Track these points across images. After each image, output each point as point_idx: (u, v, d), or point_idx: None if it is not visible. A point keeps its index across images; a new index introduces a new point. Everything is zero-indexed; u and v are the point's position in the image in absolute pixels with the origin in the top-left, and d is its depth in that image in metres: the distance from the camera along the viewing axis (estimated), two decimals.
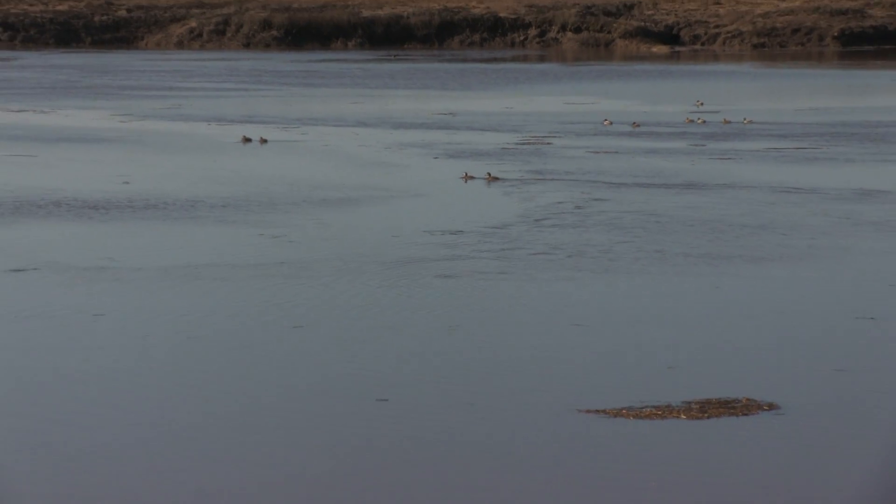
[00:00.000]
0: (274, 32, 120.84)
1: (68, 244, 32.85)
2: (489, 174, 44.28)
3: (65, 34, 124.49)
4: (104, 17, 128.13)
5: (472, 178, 43.77)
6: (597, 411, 19.51)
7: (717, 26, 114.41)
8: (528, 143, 52.61)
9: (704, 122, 60.00)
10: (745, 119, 61.20)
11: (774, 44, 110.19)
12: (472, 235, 31.85)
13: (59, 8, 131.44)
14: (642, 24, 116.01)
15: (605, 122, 59.86)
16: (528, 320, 26.20)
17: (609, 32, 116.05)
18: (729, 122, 59.75)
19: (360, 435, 19.71)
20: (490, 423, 19.83)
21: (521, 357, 23.47)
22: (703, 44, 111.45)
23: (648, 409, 19.43)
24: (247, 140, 54.13)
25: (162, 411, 20.92)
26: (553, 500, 16.70)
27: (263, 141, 54.23)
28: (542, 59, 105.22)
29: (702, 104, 67.56)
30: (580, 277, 29.22)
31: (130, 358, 23.36)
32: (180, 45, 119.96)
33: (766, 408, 19.51)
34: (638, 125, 58.95)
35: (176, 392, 21.92)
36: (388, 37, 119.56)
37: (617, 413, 19.35)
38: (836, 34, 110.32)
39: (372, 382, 21.80)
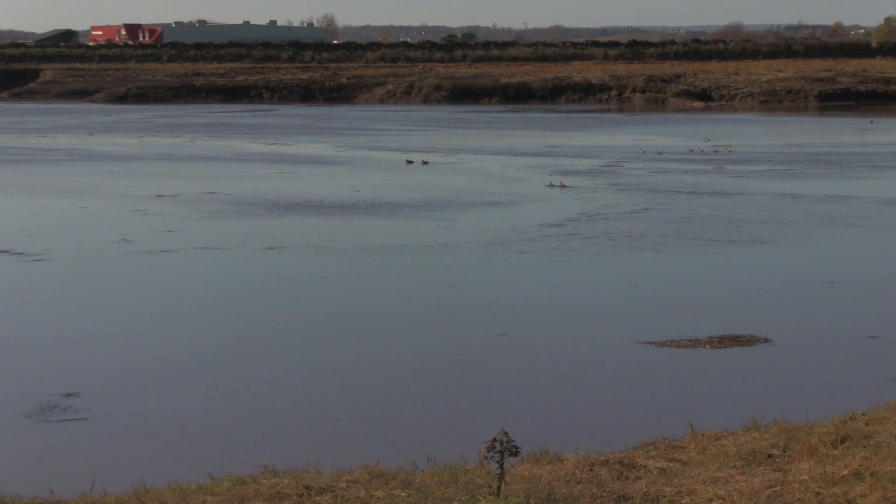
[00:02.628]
0: (443, 93, 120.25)
1: (310, 231, 33.41)
2: (561, 183, 44.84)
3: (306, 93, 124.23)
4: (331, 83, 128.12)
5: (554, 185, 44.46)
6: (649, 343, 20.53)
7: (735, 89, 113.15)
8: (606, 166, 52.75)
9: (703, 151, 60.03)
10: (727, 148, 61.33)
11: (774, 101, 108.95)
12: (557, 225, 32.40)
13: (303, 76, 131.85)
14: (686, 87, 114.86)
15: (640, 152, 59.93)
16: (596, 283, 27.00)
17: (664, 93, 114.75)
18: (716, 151, 59.82)
19: (484, 361, 20.61)
20: (576, 349, 20.84)
21: (592, 307, 24.43)
22: (726, 101, 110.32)
23: (684, 342, 20.53)
24: (409, 162, 54.36)
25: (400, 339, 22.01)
26: (624, 399, 17.79)
27: (424, 163, 54.40)
28: (619, 111, 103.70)
29: (708, 140, 67.31)
30: (629, 253, 29.67)
31: (354, 305, 24.28)
32: (381, 101, 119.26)
33: (762, 341, 20.68)
34: (660, 153, 59.16)
35: (395, 324, 22.92)
36: (518, 96, 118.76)
37: (663, 344, 20.42)
38: (815, 94, 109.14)
39: (496, 321, 22.77)
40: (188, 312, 23.87)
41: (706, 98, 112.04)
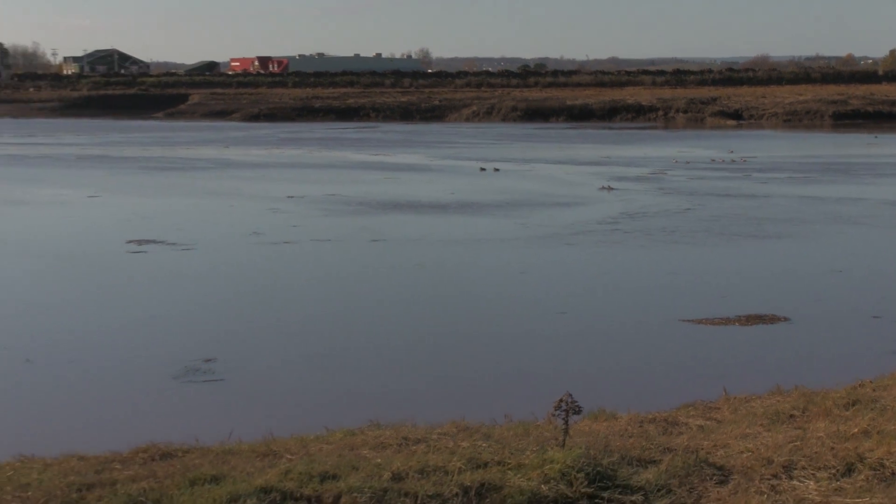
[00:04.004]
0: (518, 113, 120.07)
1: (408, 226, 33.43)
2: (609, 186, 44.74)
3: (405, 113, 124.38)
4: (426, 104, 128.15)
5: (605, 189, 44.33)
6: (687, 320, 20.38)
7: (762, 109, 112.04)
8: (651, 173, 52.39)
9: (723, 160, 59.77)
10: (742, 158, 60.94)
11: (795, 119, 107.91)
12: (607, 222, 32.33)
13: (402, 99, 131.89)
14: (721, 108, 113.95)
15: (674, 161, 59.49)
16: (640, 270, 26.76)
17: (702, 113, 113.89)
18: (734, 161, 59.50)
19: (549, 334, 20.74)
20: (626, 325, 20.89)
21: (638, 290, 24.23)
22: (755, 119, 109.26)
23: (717, 320, 20.33)
24: (482, 169, 54.28)
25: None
26: (667, 367, 17.81)
27: (495, 170, 54.25)
28: (664, 128, 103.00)
29: (732, 151, 66.76)
30: (669, 246, 29.46)
31: (442, 287, 24.38)
32: (467, 119, 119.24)
33: (782, 319, 20.46)
34: (689, 162, 59.10)
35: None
36: (581, 115, 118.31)
37: (699, 321, 20.27)
38: (830, 114, 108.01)
39: (558, 301, 22.69)
40: (304, 292, 23.95)
41: (738, 117, 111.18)
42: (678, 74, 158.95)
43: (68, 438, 12.56)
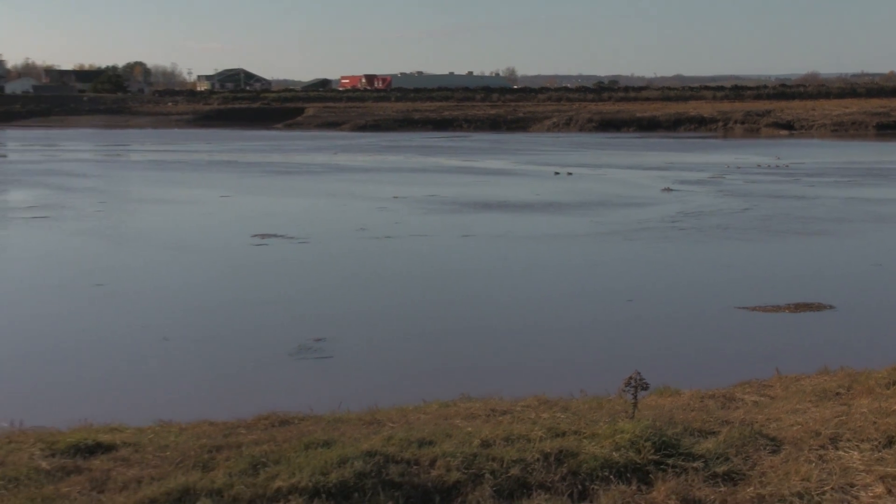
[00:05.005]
0: (593, 124, 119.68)
1: (494, 223, 33.40)
2: (668, 187, 44.54)
3: (493, 124, 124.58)
4: (512, 116, 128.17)
5: (668, 190, 44.12)
6: (742, 307, 20.22)
7: (812, 121, 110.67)
8: (710, 177, 51.96)
9: (768, 165, 59.31)
10: (785, 164, 60.50)
11: (841, 130, 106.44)
12: (669, 219, 32.08)
13: (491, 112, 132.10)
14: (775, 119, 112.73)
15: (726, 166, 59.04)
16: (699, 262, 26.64)
17: (758, 124, 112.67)
18: (779, 167, 59.00)
19: (618, 319, 20.60)
20: (686, 311, 20.77)
21: (698, 280, 24.12)
22: (805, 130, 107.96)
23: (769, 307, 20.17)
24: (556, 173, 54.20)
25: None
26: (725, 349, 17.77)
27: (568, 174, 54.14)
28: (723, 137, 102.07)
29: (779, 158, 66.07)
30: (724, 241, 29.28)
31: (521, 277, 24.31)
32: (548, 130, 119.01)
33: (828, 307, 20.26)
34: (739, 167, 58.71)
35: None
36: (648, 126, 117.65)
37: (752, 309, 20.11)
38: (874, 125, 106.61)
39: (626, 289, 22.60)
40: (402, 280, 23.98)
41: (790, 128, 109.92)
42: (736, 90, 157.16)
43: (200, 406, 12.80)
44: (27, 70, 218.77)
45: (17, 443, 9.50)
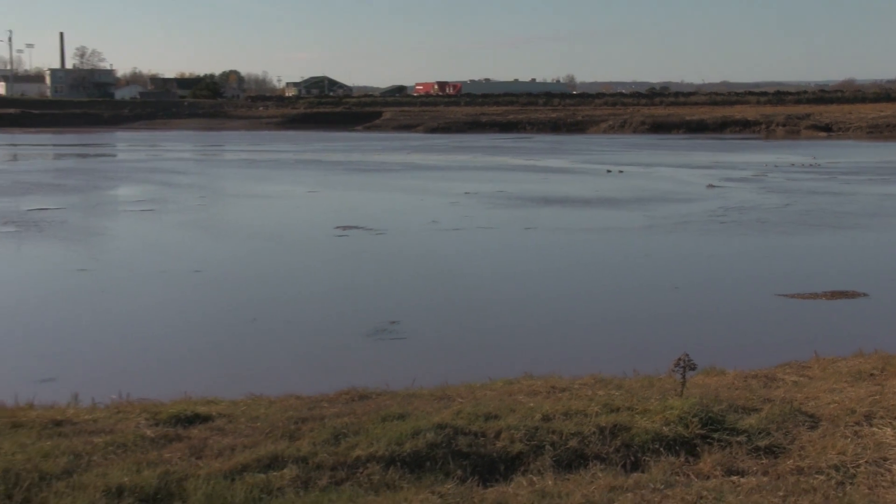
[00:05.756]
0: (645, 126, 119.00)
1: (555, 217, 33.31)
2: (711, 184, 44.28)
3: (554, 126, 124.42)
4: (571, 120, 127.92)
5: (712, 186, 43.81)
6: (782, 295, 20.05)
7: (849, 123, 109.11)
8: (753, 175, 51.50)
9: (802, 164, 58.69)
10: (819, 163, 59.89)
11: (877, 132, 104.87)
12: (714, 213, 31.85)
13: (552, 115, 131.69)
14: (814, 122, 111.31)
15: (764, 165, 58.48)
16: (743, 253, 26.33)
17: (798, 126, 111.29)
18: (812, 165, 58.47)
19: (665, 305, 20.42)
20: (730, 297, 20.57)
21: (741, 269, 23.84)
22: (842, 132, 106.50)
23: (807, 294, 20.03)
24: (608, 171, 53.96)
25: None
26: (767, 332, 17.57)
27: (620, 172, 53.85)
28: (766, 139, 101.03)
29: (815, 158, 65.26)
30: (765, 234, 29.02)
31: (578, 265, 24.27)
32: (604, 132, 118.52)
33: (862, 295, 20.05)
34: (777, 165, 58.23)
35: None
36: (697, 128, 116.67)
37: (792, 296, 19.94)
38: None
39: (673, 278, 22.47)
40: (468, 268, 23.89)
41: (828, 130, 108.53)
42: (778, 95, 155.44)
43: (287, 381, 12.82)
44: (134, 78, 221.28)
45: (124, 413, 9.68)
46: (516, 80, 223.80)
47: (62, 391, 11.66)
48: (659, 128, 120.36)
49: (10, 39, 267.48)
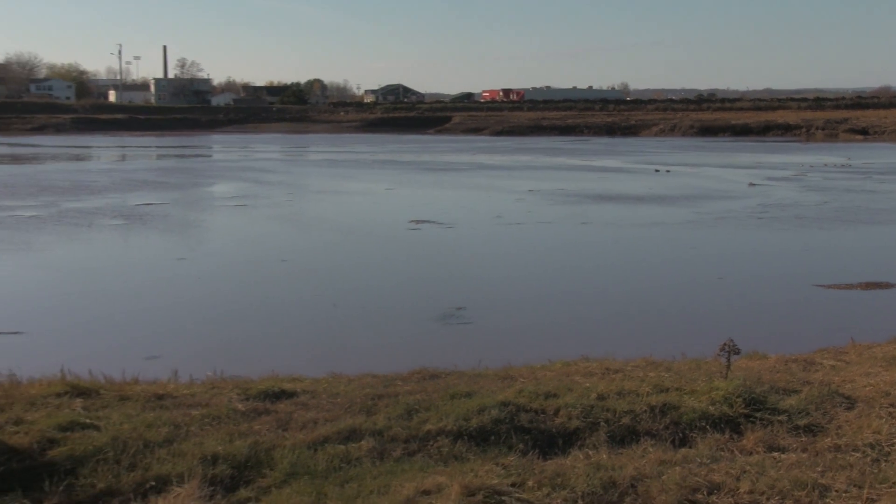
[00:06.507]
0: (693, 130, 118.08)
1: (609, 213, 33.15)
2: (751, 182, 43.77)
3: (609, 130, 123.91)
4: (625, 124, 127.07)
5: (752, 184, 43.26)
6: (819, 285, 19.82)
7: (884, 127, 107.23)
8: (792, 174, 50.89)
9: (835, 164, 57.74)
10: (853, 163, 58.85)
11: None
12: (755, 209, 31.50)
13: (607, 119, 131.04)
14: (852, 126, 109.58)
15: (801, 165, 57.63)
16: (781, 245, 25.98)
17: (837, 130, 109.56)
18: (845, 166, 57.50)
19: (710, 293, 20.12)
20: (771, 286, 20.31)
21: (780, 261, 23.55)
22: (878, 135, 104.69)
23: (842, 285, 19.73)
24: (656, 171, 53.54)
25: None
26: (806, 320, 17.39)
27: (667, 171, 53.45)
28: (806, 142, 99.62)
29: (849, 159, 64.16)
30: (803, 228, 28.68)
31: (630, 256, 24.01)
32: (655, 135, 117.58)
33: (895, 286, 19.69)
34: (812, 166, 57.39)
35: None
36: (741, 132, 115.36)
37: (828, 286, 19.69)
38: None
39: (718, 268, 22.24)
40: (528, 258, 23.83)
41: (865, 133, 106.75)
42: (818, 101, 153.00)
43: (364, 361, 12.82)
44: (228, 86, 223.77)
45: (218, 388, 9.82)
46: (575, 88, 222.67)
47: (164, 368, 11.82)
48: (706, 131, 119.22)
49: (119, 53, 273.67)
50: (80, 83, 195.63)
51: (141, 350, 14.19)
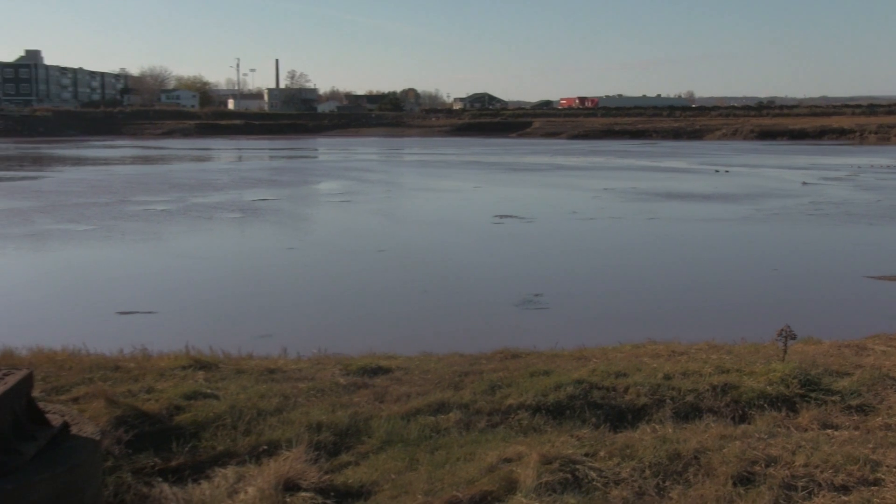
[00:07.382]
0: (754, 133, 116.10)
1: (675, 209, 32.75)
2: (804, 181, 42.82)
3: (676, 134, 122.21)
4: (690, 128, 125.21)
5: (805, 183, 42.29)
6: (870, 277, 19.43)
7: None
8: (846, 175, 49.75)
9: (882, 166, 56.09)
10: (871, 166, 57.25)
11: None
12: (806, 206, 30.81)
13: (674, 124, 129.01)
14: (885, 132, 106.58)
15: (851, 166, 56.16)
16: (833, 240, 25.41)
17: (889, 134, 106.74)
18: (889, 167, 55.84)
19: (763, 284, 19.73)
20: (825, 278, 19.97)
21: (831, 253, 23.04)
22: None
23: (892, 276, 19.47)
24: (716, 171, 52.68)
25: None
26: (857, 309, 17.02)
27: (726, 171, 52.55)
28: (859, 144, 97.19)
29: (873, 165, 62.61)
30: (853, 224, 27.98)
31: (685, 248, 23.72)
32: (718, 139, 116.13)
33: None
34: (859, 167, 55.85)
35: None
36: (798, 136, 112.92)
37: (879, 278, 19.33)
38: None
39: (772, 260, 21.85)
40: (600, 250, 23.62)
41: None
42: (871, 106, 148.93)
43: (452, 342, 12.86)
44: (332, 95, 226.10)
45: (322, 364, 9.93)
46: (644, 96, 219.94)
47: (274, 345, 11.95)
48: (765, 135, 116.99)
49: (237, 66, 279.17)
50: (204, 93, 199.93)
51: (255, 329, 14.33)
